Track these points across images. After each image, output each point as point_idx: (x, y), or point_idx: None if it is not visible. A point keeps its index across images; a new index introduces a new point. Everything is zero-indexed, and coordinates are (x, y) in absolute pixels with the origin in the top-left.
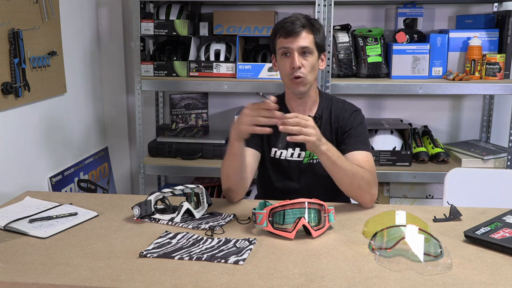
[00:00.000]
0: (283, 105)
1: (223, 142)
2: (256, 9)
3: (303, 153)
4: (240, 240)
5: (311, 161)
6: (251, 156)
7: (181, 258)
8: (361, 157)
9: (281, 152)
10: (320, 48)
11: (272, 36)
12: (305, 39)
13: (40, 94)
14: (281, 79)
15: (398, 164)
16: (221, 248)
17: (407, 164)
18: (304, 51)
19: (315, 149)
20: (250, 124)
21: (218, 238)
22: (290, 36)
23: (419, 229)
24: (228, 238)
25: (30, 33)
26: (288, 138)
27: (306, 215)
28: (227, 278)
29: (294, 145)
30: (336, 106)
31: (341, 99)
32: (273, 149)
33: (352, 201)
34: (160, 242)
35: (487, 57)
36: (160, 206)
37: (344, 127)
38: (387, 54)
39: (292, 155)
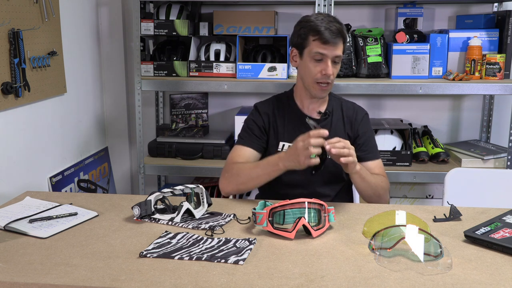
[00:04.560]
0: (291, 101)
1: (223, 142)
2: (256, 9)
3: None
4: (240, 240)
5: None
6: (252, 156)
7: (181, 258)
8: (376, 165)
9: (289, 146)
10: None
11: (302, 33)
12: (340, 49)
13: (40, 94)
14: (281, 79)
15: (398, 164)
16: (221, 248)
17: (407, 164)
18: (335, 60)
19: (352, 169)
20: (307, 155)
21: (218, 238)
22: (329, 44)
23: (419, 229)
24: (228, 238)
25: (30, 33)
26: (342, 159)
27: (306, 215)
28: (227, 278)
29: None
30: (347, 106)
31: (350, 101)
32: (281, 143)
33: (353, 201)
34: (160, 242)
35: (487, 57)
36: (160, 206)
37: (357, 131)
38: (387, 54)
39: None
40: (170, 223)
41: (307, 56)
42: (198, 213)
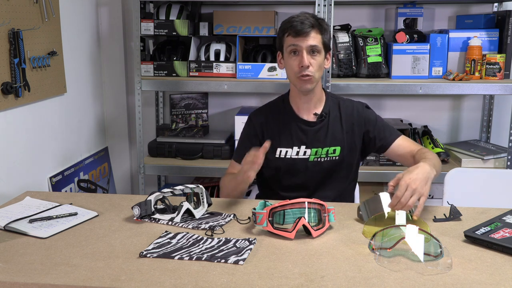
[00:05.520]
0: (287, 104)
1: (223, 142)
2: (256, 9)
3: (308, 151)
4: (240, 240)
5: (318, 159)
6: None
7: (181, 258)
8: (403, 141)
9: (286, 151)
10: (327, 47)
11: (279, 34)
12: (314, 38)
13: (40, 94)
14: (281, 79)
15: (398, 164)
16: (221, 248)
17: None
18: (312, 50)
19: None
20: (246, 171)
21: (218, 238)
22: (300, 35)
23: (419, 229)
24: (228, 238)
25: (30, 33)
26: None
27: (306, 215)
28: (227, 278)
29: (299, 143)
30: (345, 105)
31: (347, 98)
32: (278, 149)
33: (354, 201)
34: (160, 242)
35: (487, 57)
36: (160, 206)
37: (364, 126)
38: (387, 54)
39: (297, 153)
40: (170, 223)
41: (285, 53)
42: (198, 213)
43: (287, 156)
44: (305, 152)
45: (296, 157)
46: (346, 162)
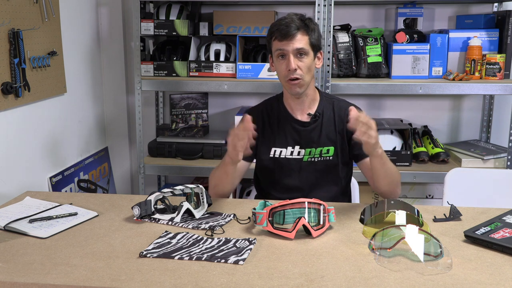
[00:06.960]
0: (281, 105)
1: (223, 142)
2: (256, 9)
3: (302, 151)
4: (240, 240)
5: (312, 159)
6: (241, 167)
7: (181, 258)
8: None
9: (281, 151)
10: (316, 47)
11: (267, 38)
12: (300, 41)
13: (40, 94)
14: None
15: (398, 164)
16: (221, 248)
17: (407, 164)
18: (299, 53)
19: (372, 151)
20: (239, 149)
21: (218, 238)
22: (285, 39)
23: (419, 229)
24: (228, 238)
25: (30, 33)
26: (355, 135)
27: (306, 215)
28: (227, 278)
29: (293, 143)
30: (339, 106)
31: (343, 99)
32: (273, 149)
33: (353, 201)
34: (160, 242)
35: (487, 57)
36: (160, 206)
37: (351, 130)
38: (387, 54)
39: (292, 153)
40: (170, 223)
41: (274, 57)
42: (198, 213)
43: (281, 156)
44: (299, 152)
45: (290, 157)
46: (340, 163)
